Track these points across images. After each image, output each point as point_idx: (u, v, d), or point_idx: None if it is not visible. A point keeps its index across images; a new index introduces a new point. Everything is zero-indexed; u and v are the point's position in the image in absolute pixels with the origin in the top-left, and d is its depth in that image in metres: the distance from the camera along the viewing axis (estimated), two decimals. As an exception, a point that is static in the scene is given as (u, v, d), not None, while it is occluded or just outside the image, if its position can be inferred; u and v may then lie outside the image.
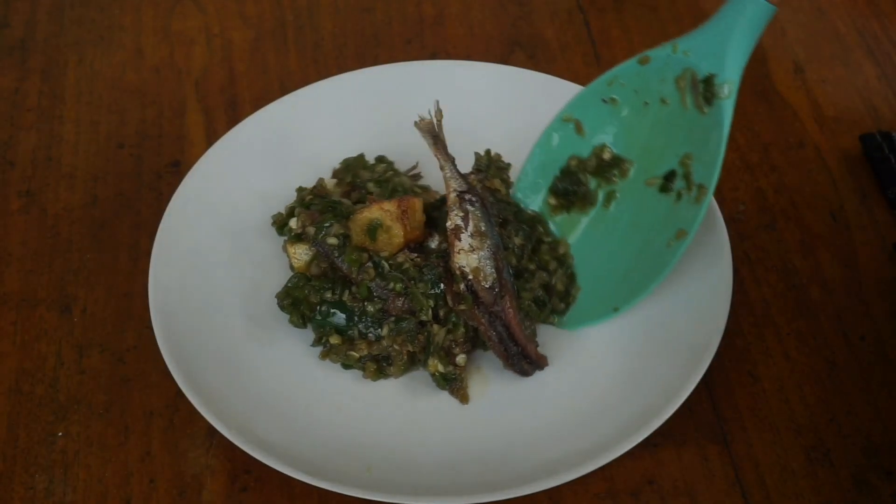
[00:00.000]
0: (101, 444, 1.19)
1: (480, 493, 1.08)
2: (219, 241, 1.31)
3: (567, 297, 1.26)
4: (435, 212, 1.29)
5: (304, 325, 1.24)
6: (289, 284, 1.25)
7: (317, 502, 1.14)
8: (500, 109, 1.41)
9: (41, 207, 1.41)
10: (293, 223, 1.29)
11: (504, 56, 1.57)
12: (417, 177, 1.39)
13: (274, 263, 1.31)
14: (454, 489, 1.09)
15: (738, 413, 1.19)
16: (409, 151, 1.40)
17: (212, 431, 1.18)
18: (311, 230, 1.25)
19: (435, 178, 1.38)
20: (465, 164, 1.33)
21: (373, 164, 1.38)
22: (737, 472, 1.15)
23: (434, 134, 1.25)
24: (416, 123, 1.25)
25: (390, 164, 1.38)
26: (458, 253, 1.20)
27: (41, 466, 1.17)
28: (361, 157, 1.38)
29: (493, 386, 1.21)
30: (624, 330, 1.24)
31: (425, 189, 1.37)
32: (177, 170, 1.44)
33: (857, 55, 1.55)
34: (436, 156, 1.25)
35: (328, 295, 1.23)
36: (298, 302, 1.24)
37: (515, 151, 1.35)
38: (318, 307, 1.23)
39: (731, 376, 1.22)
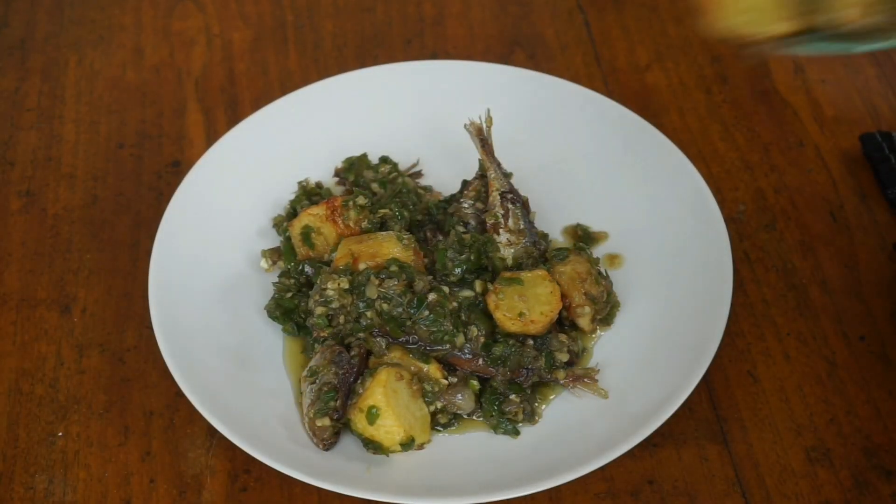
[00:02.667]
0: (101, 444, 1.19)
1: (480, 493, 1.08)
2: (219, 242, 1.31)
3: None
4: (440, 214, 1.29)
5: (298, 333, 1.23)
6: (275, 295, 1.25)
7: (317, 502, 1.14)
8: (500, 109, 1.41)
9: (41, 207, 1.41)
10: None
11: (504, 56, 1.57)
12: (417, 175, 1.39)
13: (274, 263, 1.31)
14: (454, 489, 1.09)
15: (738, 413, 1.19)
16: (409, 151, 1.41)
17: (212, 431, 1.18)
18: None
19: (435, 178, 1.38)
20: (468, 166, 1.34)
21: (376, 165, 1.38)
22: (737, 472, 1.15)
23: (482, 137, 1.30)
24: (466, 126, 1.29)
25: (394, 165, 1.38)
26: (498, 246, 1.24)
27: (41, 466, 1.17)
28: (365, 156, 1.38)
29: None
30: (624, 330, 1.24)
31: (427, 189, 1.37)
32: (177, 170, 1.44)
33: (856, 55, 1.55)
34: (482, 157, 1.29)
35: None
36: (290, 311, 1.23)
37: (515, 151, 1.34)
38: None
39: (731, 376, 1.22)
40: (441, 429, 1.17)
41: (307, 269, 1.26)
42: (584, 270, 1.22)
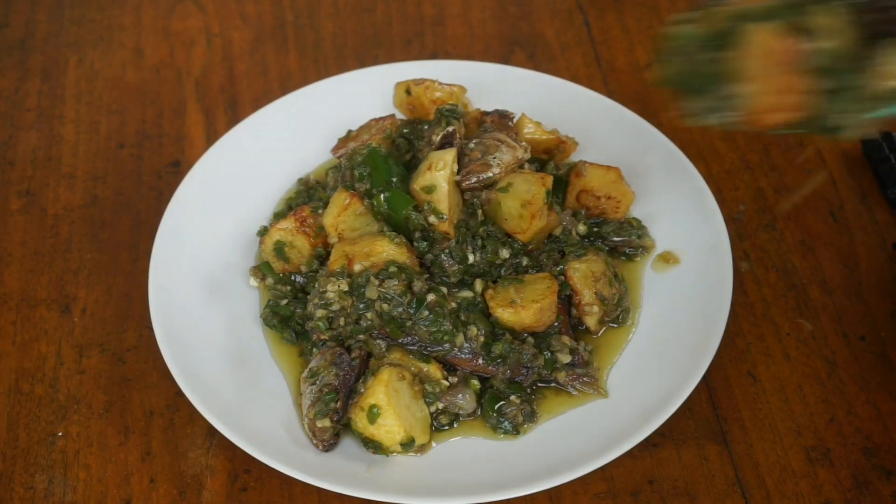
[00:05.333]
0: (101, 444, 1.19)
1: (481, 493, 1.08)
2: (219, 241, 1.31)
3: None
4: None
5: (297, 341, 1.23)
6: (270, 303, 1.24)
7: (317, 502, 1.14)
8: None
9: (41, 207, 1.41)
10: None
11: (504, 56, 1.57)
12: None
13: (274, 263, 1.31)
14: (454, 489, 1.09)
15: (738, 413, 1.19)
16: (409, 151, 1.40)
17: (212, 431, 1.18)
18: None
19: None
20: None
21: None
22: (737, 472, 1.15)
23: None
24: None
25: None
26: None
27: (41, 466, 1.17)
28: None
29: (493, 386, 1.21)
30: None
31: None
32: (177, 170, 1.44)
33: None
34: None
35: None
36: (286, 318, 1.23)
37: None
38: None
39: (731, 376, 1.22)
40: (442, 429, 1.17)
41: (298, 277, 1.26)
42: (600, 270, 1.22)
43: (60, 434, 1.20)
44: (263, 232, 1.30)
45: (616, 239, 1.29)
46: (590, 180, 1.28)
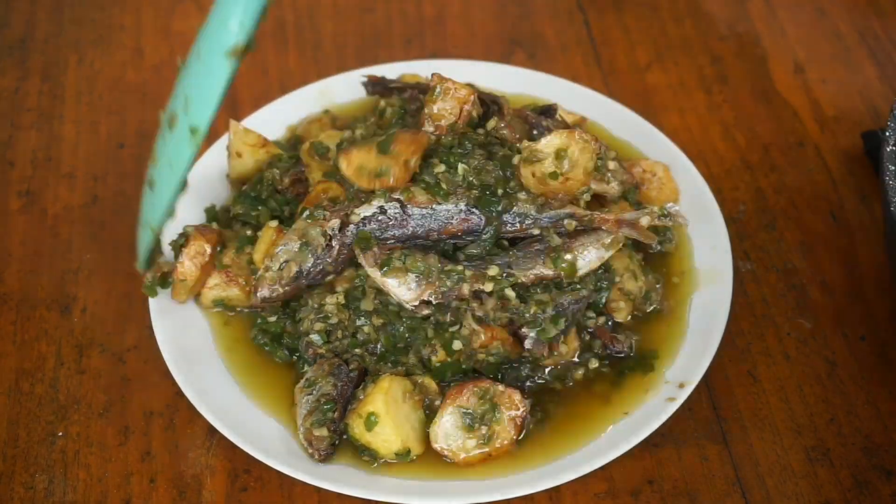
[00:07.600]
0: (101, 444, 1.19)
1: (480, 493, 1.08)
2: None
3: None
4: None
5: (290, 358, 1.21)
6: (258, 322, 1.22)
7: (317, 502, 1.14)
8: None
9: (41, 207, 1.41)
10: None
11: (504, 56, 1.57)
12: None
13: (274, 263, 1.31)
14: (454, 489, 1.09)
15: (738, 413, 1.19)
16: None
17: (212, 431, 1.18)
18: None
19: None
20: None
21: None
22: (737, 472, 1.15)
23: None
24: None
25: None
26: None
27: (41, 466, 1.17)
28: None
29: (493, 386, 1.21)
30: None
31: None
32: (177, 170, 1.44)
33: (857, 55, 1.55)
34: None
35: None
36: (278, 336, 1.21)
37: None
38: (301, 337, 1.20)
39: (731, 376, 1.22)
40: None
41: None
42: (623, 266, 1.20)
43: (60, 434, 1.20)
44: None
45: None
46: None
